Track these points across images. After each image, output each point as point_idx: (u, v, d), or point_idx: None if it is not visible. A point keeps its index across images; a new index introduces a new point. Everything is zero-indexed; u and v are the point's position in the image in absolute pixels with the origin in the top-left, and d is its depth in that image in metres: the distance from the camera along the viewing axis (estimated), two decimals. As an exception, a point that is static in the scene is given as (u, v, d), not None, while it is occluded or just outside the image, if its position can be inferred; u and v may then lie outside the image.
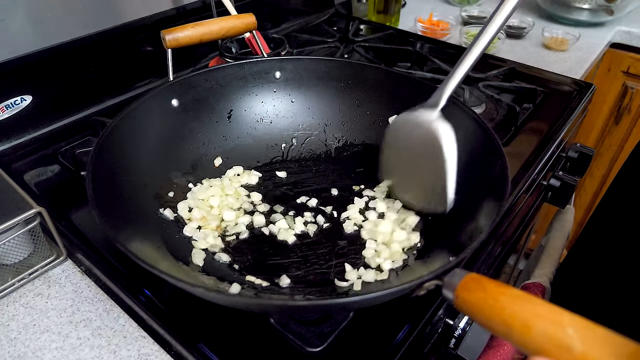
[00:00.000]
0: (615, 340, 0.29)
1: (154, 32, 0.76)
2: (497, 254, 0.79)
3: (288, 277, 0.56)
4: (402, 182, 0.66)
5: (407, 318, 0.53)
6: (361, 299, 0.41)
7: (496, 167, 0.54)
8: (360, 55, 1.15)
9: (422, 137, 0.58)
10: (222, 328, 0.52)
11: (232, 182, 0.70)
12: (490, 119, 0.90)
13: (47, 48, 0.78)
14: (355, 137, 0.77)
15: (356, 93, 0.76)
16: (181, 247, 0.58)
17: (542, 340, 0.31)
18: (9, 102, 0.75)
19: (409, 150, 0.61)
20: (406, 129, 0.61)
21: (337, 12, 1.40)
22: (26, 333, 0.54)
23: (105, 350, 0.52)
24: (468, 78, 1.02)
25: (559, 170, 0.96)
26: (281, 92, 0.77)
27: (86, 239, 0.62)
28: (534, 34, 1.33)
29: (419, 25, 1.33)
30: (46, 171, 0.76)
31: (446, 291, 0.39)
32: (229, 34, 0.75)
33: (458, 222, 0.57)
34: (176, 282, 0.41)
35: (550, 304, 0.33)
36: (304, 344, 0.49)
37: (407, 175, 0.64)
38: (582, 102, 0.96)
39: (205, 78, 0.71)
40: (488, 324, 0.35)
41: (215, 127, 0.74)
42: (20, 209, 0.56)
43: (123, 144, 0.60)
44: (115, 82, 0.91)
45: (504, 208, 0.47)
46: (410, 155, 0.61)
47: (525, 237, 1.14)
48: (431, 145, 0.57)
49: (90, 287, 0.59)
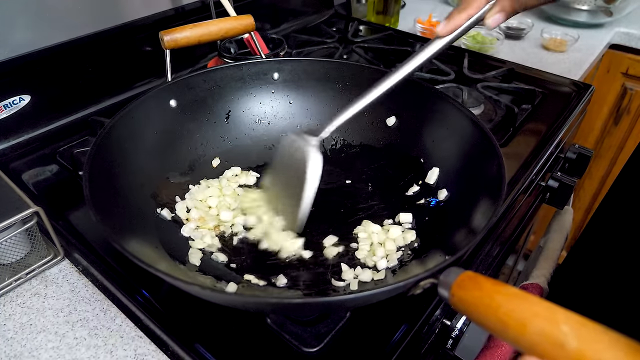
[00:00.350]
0: (610, 336, 0.29)
1: (153, 32, 0.76)
2: (496, 255, 0.79)
3: (285, 277, 0.56)
4: (278, 195, 0.66)
5: (404, 318, 0.53)
6: (356, 296, 0.41)
7: (493, 167, 0.54)
8: (360, 55, 1.16)
9: (297, 158, 0.61)
10: (218, 328, 0.52)
11: (230, 182, 0.70)
12: (489, 120, 0.90)
13: (46, 48, 0.78)
14: (353, 138, 0.77)
15: (354, 94, 0.75)
16: (178, 247, 0.58)
17: (538, 338, 0.31)
18: (7, 102, 0.75)
19: (287, 168, 0.63)
20: (290, 148, 0.63)
21: (337, 13, 1.40)
22: (23, 333, 0.54)
23: (102, 350, 0.52)
24: (467, 79, 1.02)
25: (557, 171, 0.96)
26: (279, 93, 0.78)
27: (83, 238, 0.62)
28: (532, 35, 1.33)
29: (418, 26, 1.33)
30: (44, 171, 0.76)
31: (442, 289, 0.39)
32: (228, 35, 0.75)
33: (455, 222, 0.57)
34: (172, 280, 0.41)
35: (545, 302, 0.33)
36: (300, 344, 0.49)
37: (282, 190, 0.65)
38: (581, 103, 0.96)
39: (204, 79, 0.71)
40: (484, 323, 0.35)
41: (214, 128, 0.74)
42: (17, 209, 0.56)
43: (121, 144, 0.60)
44: (114, 82, 0.91)
45: (500, 208, 0.48)
46: (287, 172, 0.63)
47: (524, 238, 1.14)
48: (301, 168, 0.59)
49: (87, 286, 0.59)
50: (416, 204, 0.66)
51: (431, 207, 0.64)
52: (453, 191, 0.63)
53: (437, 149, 0.66)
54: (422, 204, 0.65)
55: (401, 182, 0.69)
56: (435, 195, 0.64)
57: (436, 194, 0.64)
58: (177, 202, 0.64)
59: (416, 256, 0.58)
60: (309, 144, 0.60)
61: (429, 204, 0.64)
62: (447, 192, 0.63)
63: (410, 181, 0.69)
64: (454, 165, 0.64)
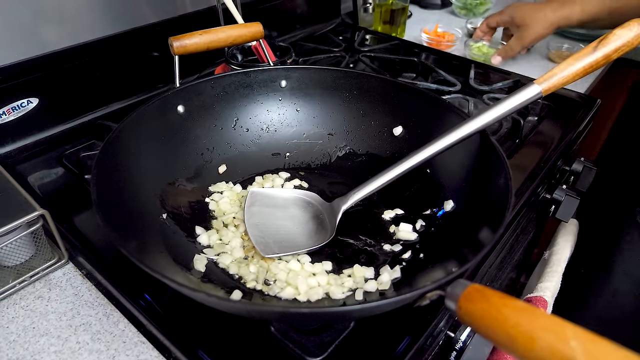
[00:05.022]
0: (619, 353, 0.29)
1: (162, 38, 0.77)
2: (500, 267, 0.79)
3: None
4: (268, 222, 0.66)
5: (408, 330, 0.52)
6: (362, 307, 0.41)
7: (500, 179, 0.54)
8: (366, 65, 1.16)
9: (314, 216, 0.66)
10: (222, 335, 0.51)
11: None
12: (495, 132, 0.90)
13: (54, 52, 0.78)
14: (359, 146, 0.77)
15: (361, 103, 0.76)
16: (183, 253, 0.58)
17: (546, 353, 0.31)
18: (15, 105, 0.76)
19: (299, 214, 0.67)
20: (311, 206, 0.67)
21: (343, 22, 1.41)
22: (25, 336, 0.54)
23: (104, 355, 0.52)
24: (473, 90, 1.02)
25: (562, 184, 0.96)
26: (286, 101, 0.78)
27: (88, 242, 0.62)
28: (539, 47, 1.34)
29: (425, 37, 1.33)
30: (50, 174, 0.76)
31: (449, 301, 0.39)
32: (236, 42, 0.75)
33: (461, 234, 0.57)
34: (178, 287, 0.41)
35: (554, 317, 0.33)
36: (304, 353, 0.48)
37: (274, 221, 0.66)
38: (587, 116, 0.96)
39: (212, 85, 0.72)
40: (491, 336, 0.35)
41: (220, 134, 0.74)
42: (23, 211, 0.56)
43: (128, 148, 0.60)
44: (122, 87, 0.91)
45: (507, 220, 0.47)
46: (294, 215, 0.66)
47: (529, 250, 1.14)
48: (314, 227, 0.64)
49: (90, 290, 0.59)
50: (422, 214, 0.66)
51: (437, 218, 0.64)
52: (459, 202, 0.63)
53: (443, 160, 0.66)
54: (428, 214, 0.65)
55: (407, 192, 0.69)
56: (442, 206, 0.64)
57: (442, 204, 0.64)
58: (182, 206, 0.64)
59: (422, 267, 0.58)
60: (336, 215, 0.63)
61: (435, 215, 0.64)
62: (454, 203, 0.63)
63: (416, 192, 0.69)
64: (461, 176, 0.64)
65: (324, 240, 0.61)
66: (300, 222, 0.65)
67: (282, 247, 0.60)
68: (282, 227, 0.64)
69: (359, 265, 0.58)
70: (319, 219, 0.65)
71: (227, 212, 0.66)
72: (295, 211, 0.67)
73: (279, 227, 0.64)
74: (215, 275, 0.57)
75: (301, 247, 0.61)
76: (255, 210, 0.66)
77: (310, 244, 0.61)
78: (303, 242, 0.62)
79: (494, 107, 0.58)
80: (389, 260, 0.61)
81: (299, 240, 0.62)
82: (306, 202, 0.68)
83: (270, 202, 0.67)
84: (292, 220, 0.65)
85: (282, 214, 0.66)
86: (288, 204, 0.68)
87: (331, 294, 0.55)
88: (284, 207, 0.67)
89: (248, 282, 0.56)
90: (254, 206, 0.66)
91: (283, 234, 0.63)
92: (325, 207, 0.66)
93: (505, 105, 0.57)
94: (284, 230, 0.63)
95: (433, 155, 0.60)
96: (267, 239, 0.61)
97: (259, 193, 0.68)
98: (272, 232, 0.63)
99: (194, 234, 0.62)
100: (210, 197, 0.69)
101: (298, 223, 0.65)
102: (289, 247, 0.60)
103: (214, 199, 0.68)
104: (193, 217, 0.65)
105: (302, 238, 0.62)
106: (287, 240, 0.62)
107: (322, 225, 0.64)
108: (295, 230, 0.64)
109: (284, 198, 0.68)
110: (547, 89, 0.55)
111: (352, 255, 0.61)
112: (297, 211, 0.67)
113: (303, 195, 0.69)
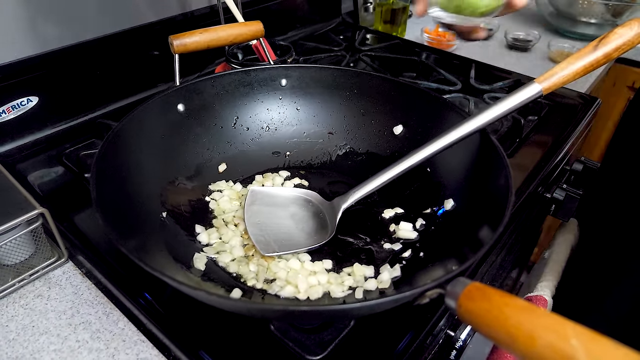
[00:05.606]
0: (620, 351, 0.29)
1: (162, 37, 0.77)
2: (500, 266, 0.78)
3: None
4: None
5: (408, 328, 0.52)
6: (362, 305, 0.41)
7: (500, 178, 0.54)
8: (366, 64, 1.16)
9: (313, 214, 0.66)
10: (221, 334, 0.51)
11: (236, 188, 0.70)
12: (495, 131, 0.90)
13: (55, 50, 0.79)
14: (359, 145, 0.77)
15: (361, 102, 0.76)
16: (183, 252, 0.58)
17: (547, 352, 0.31)
18: (15, 103, 0.76)
19: (297, 212, 0.67)
20: (311, 205, 0.68)
21: (344, 21, 1.41)
22: (25, 334, 0.54)
23: (104, 353, 0.52)
24: (474, 89, 1.02)
25: (562, 184, 0.96)
26: (287, 100, 0.78)
27: (88, 241, 0.62)
28: (539, 47, 1.34)
29: (425, 36, 1.33)
30: (50, 172, 0.76)
31: (449, 300, 0.39)
32: (237, 40, 0.75)
33: (461, 232, 0.57)
34: (178, 285, 0.40)
35: (555, 315, 0.32)
36: (304, 351, 0.48)
37: (275, 220, 0.66)
38: (587, 115, 0.96)
39: (212, 84, 0.72)
40: (491, 335, 0.35)
41: (220, 133, 0.74)
42: (23, 210, 0.56)
43: (128, 147, 0.60)
44: (122, 86, 0.91)
45: (506, 219, 0.47)
46: (293, 213, 0.66)
47: (528, 249, 1.14)
48: (313, 226, 0.64)
49: (90, 289, 0.59)
50: (422, 213, 0.66)
51: (437, 217, 0.64)
52: (459, 201, 0.63)
53: (443, 159, 0.66)
54: (428, 213, 0.65)
55: (407, 191, 0.69)
56: (442, 204, 0.64)
57: (442, 203, 0.64)
58: (181, 204, 0.64)
59: (422, 266, 0.58)
60: (335, 214, 0.63)
61: (435, 214, 0.64)
62: (454, 202, 0.63)
63: (416, 191, 0.68)
64: (461, 175, 0.64)
65: (324, 238, 0.61)
66: (300, 221, 0.65)
67: (282, 245, 0.60)
68: (282, 226, 0.64)
69: (359, 264, 0.58)
70: (319, 218, 0.65)
71: (227, 211, 0.66)
72: (295, 210, 0.67)
73: (279, 226, 0.64)
74: (215, 274, 0.57)
75: (301, 245, 0.61)
76: (255, 209, 0.66)
77: (311, 242, 0.61)
78: (303, 240, 0.62)
79: (494, 106, 0.58)
80: (389, 258, 0.61)
81: (299, 239, 0.62)
82: (306, 200, 0.68)
83: (271, 201, 0.67)
84: (292, 218, 0.65)
85: (282, 213, 0.66)
86: (288, 203, 0.68)
87: (331, 293, 0.54)
88: (284, 205, 0.67)
89: (248, 280, 0.56)
90: (254, 205, 0.66)
91: (283, 232, 0.63)
92: (326, 206, 0.66)
93: (505, 104, 0.57)
94: (284, 229, 0.63)
95: (433, 154, 0.59)
96: (267, 237, 0.61)
97: (259, 192, 0.68)
98: (272, 230, 0.63)
99: (194, 232, 0.62)
100: (211, 195, 0.69)
101: (298, 222, 0.65)
102: (289, 245, 0.60)
103: (214, 198, 0.68)
104: (193, 215, 0.65)
105: (302, 237, 0.62)
106: (287, 238, 0.62)
107: (322, 224, 0.64)
108: (295, 228, 0.64)
109: (284, 197, 0.68)
110: (548, 88, 0.55)
111: (352, 253, 0.61)
112: (297, 210, 0.67)
113: (303, 194, 0.69)
